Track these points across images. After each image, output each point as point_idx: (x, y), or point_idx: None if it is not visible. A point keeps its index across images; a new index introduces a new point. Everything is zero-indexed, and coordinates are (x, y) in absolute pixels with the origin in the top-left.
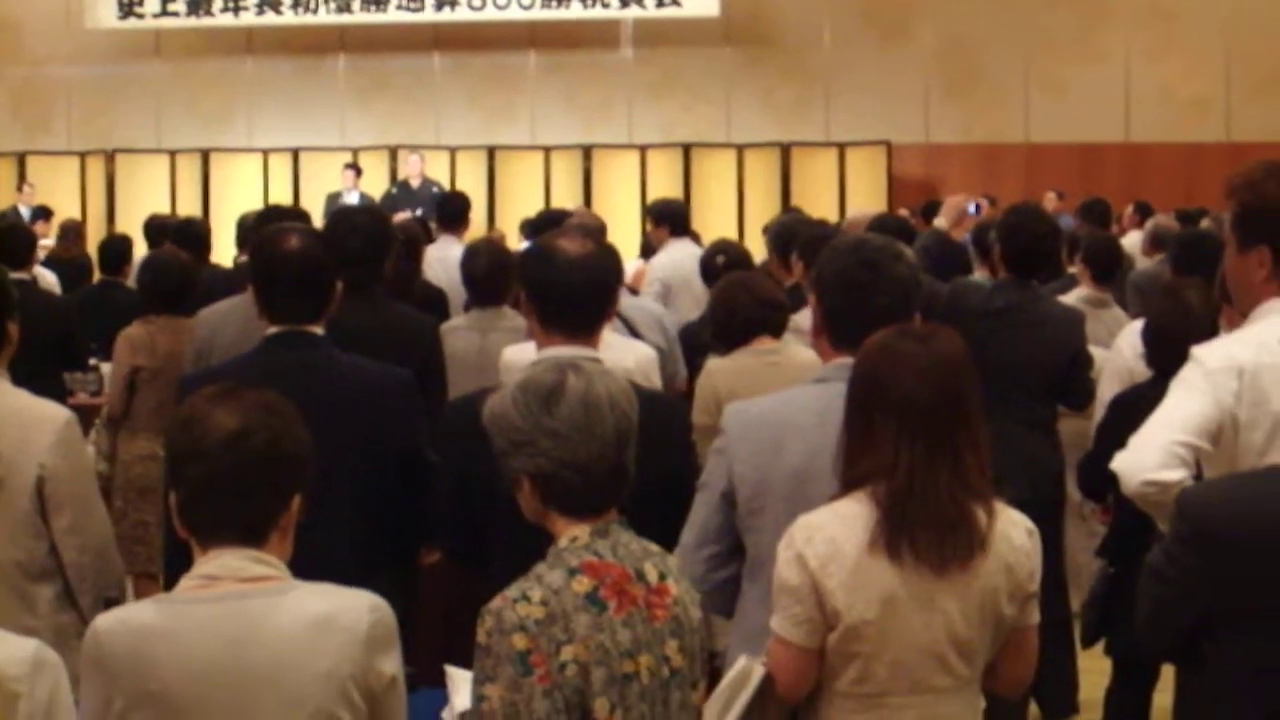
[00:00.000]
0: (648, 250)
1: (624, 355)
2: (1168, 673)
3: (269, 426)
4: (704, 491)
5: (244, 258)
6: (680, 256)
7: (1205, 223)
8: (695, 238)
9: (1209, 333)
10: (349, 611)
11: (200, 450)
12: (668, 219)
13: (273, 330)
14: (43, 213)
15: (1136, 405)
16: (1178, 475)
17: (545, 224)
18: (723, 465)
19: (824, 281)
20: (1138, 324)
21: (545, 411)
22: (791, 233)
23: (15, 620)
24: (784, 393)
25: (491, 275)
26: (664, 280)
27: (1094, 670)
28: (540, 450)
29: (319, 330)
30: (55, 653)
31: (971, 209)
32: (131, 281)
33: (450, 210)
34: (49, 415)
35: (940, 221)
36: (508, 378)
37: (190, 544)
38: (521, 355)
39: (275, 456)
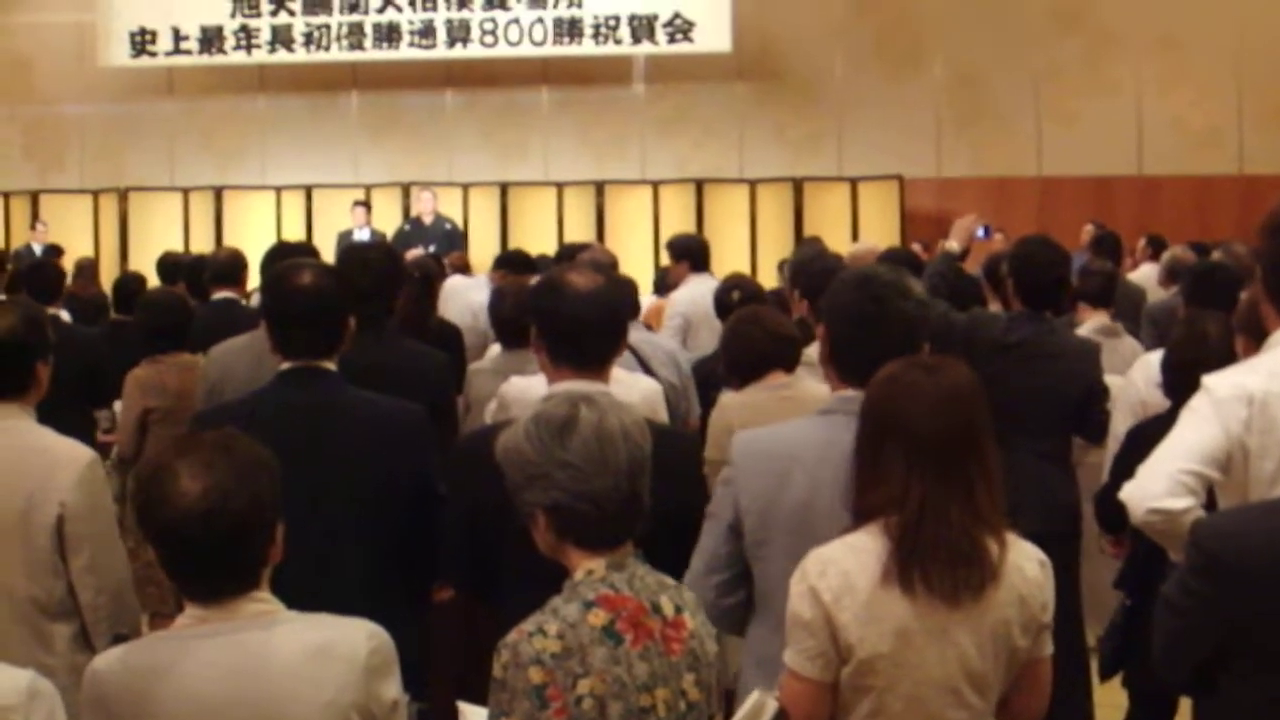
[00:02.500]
0: (662, 286)
1: (628, 390)
2: (1185, 706)
3: (241, 487)
4: (712, 521)
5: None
6: (701, 291)
7: (1216, 254)
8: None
9: (1227, 363)
10: (347, 640)
11: (172, 526)
12: (687, 255)
13: (285, 366)
14: (54, 251)
15: (1153, 437)
16: (1183, 504)
17: (511, 261)
18: (729, 496)
19: (831, 314)
20: (1151, 356)
21: (559, 444)
22: (802, 267)
23: (32, 658)
24: (790, 424)
25: (518, 317)
26: (685, 315)
27: (1110, 704)
28: (554, 483)
29: (332, 366)
30: (50, 683)
31: (980, 232)
32: None
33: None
34: (72, 454)
35: (951, 244)
36: (517, 411)
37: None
38: (523, 388)
39: (251, 518)
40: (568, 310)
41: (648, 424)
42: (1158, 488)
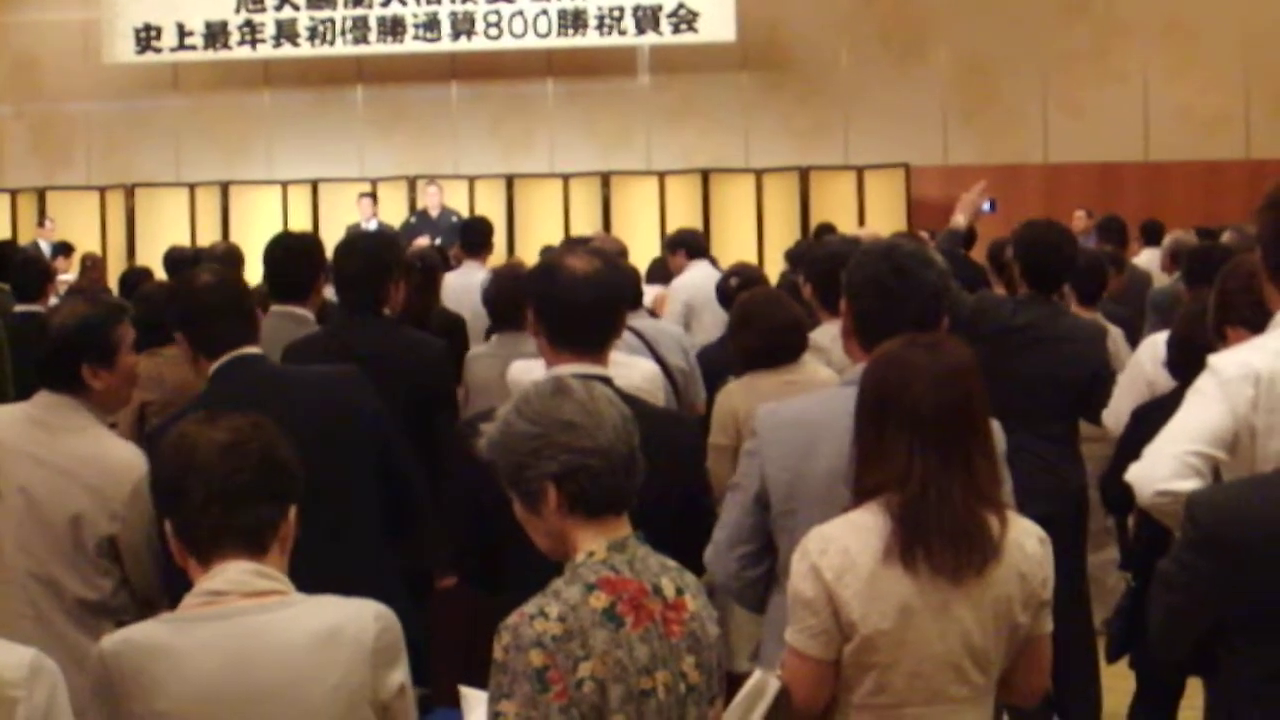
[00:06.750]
0: (657, 275)
1: (629, 371)
2: (1194, 688)
3: (259, 437)
4: (736, 492)
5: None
6: (700, 277)
7: (1226, 235)
8: (713, 262)
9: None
10: (354, 623)
11: (196, 465)
12: (683, 245)
13: (216, 365)
14: (64, 248)
15: (1160, 418)
16: (1190, 485)
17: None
18: (755, 466)
19: (854, 286)
20: (1158, 336)
21: (556, 407)
22: (806, 251)
23: (85, 652)
24: (815, 395)
25: (507, 300)
26: (686, 301)
27: (1118, 689)
28: (561, 446)
29: (258, 350)
30: (53, 662)
31: (986, 206)
32: None
33: (473, 236)
34: (128, 463)
35: (958, 219)
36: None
37: (188, 569)
38: (523, 369)
39: (270, 463)
40: (565, 294)
41: (646, 406)
42: (1165, 470)
